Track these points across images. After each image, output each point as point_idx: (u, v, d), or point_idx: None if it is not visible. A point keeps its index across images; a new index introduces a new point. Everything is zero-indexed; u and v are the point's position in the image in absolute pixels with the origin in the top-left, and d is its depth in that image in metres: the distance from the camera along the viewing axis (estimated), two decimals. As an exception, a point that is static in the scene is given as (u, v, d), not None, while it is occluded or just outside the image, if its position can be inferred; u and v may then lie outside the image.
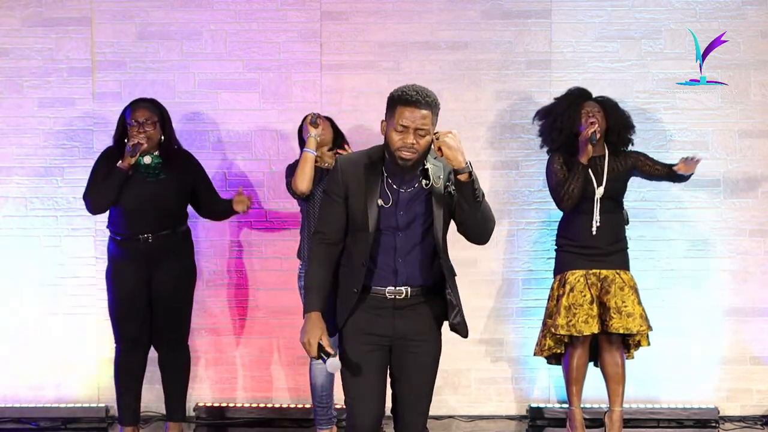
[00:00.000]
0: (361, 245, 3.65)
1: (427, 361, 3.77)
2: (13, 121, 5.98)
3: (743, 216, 5.93)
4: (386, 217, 3.64)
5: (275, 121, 5.97)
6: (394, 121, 3.57)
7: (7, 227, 5.98)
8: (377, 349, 3.70)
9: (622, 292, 5.20)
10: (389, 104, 3.61)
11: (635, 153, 5.40)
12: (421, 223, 3.66)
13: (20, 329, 5.96)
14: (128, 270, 5.19)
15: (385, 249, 3.66)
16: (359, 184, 3.64)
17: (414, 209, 3.65)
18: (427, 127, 3.55)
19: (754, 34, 5.91)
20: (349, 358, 3.70)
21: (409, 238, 3.66)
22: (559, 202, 5.29)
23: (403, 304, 3.70)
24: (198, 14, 5.97)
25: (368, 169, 3.66)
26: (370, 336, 3.69)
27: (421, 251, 3.68)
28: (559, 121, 5.34)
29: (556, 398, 5.95)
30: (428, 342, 3.76)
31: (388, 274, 3.67)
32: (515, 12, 5.94)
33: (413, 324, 3.71)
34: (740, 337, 5.93)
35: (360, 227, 3.65)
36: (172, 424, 5.41)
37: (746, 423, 5.86)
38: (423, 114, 3.54)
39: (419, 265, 3.68)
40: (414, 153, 3.55)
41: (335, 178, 3.69)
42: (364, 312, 3.69)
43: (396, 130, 3.56)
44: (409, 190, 3.65)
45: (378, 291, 3.69)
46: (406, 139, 3.54)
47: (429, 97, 3.57)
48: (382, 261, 3.66)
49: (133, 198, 5.12)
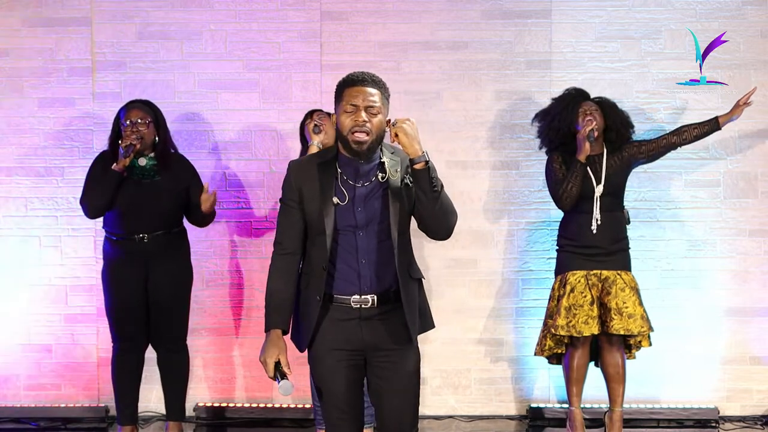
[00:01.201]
0: (321, 249, 3.50)
1: (406, 370, 3.56)
2: (13, 121, 5.98)
3: (743, 216, 5.93)
4: (344, 215, 3.49)
5: (275, 121, 5.97)
6: (343, 103, 3.46)
7: (7, 227, 5.98)
8: (350, 365, 3.52)
9: (623, 293, 5.20)
10: (336, 94, 3.51)
11: (627, 145, 5.39)
12: (381, 221, 3.50)
13: (20, 329, 5.96)
14: (124, 270, 5.19)
15: (346, 250, 3.50)
16: (312, 185, 3.51)
17: (373, 206, 3.50)
18: (377, 104, 3.44)
19: (754, 34, 5.91)
20: (321, 379, 3.55)
21: (370, 237, 3.49)
22: (559, 201, 5.29)
23: (370, 313, 3.51)
24: (198, 14, 5.97)
25: (321, 168, 3.53)
26: (340, 351, 3.51)
27: (384, 252, 3.50)
28: (557, 121, 5.34)
29: (556, 398, 5.95)
30: (404, 350, 3.54)
31: (352, 278, 3.50)
32: (515, 12, 5.94)
33: (384, 333, 3.52)
34: (740, 337, 5.93)
35: (317, 230, 3.50)
36: (171, 423, 5.41)
37: (746, 423, 5.86)
38: (371, 92, 3.44)
39: (384, 267, 3.50)
40: (368, 133, 3.43)
41: (288, 183, 3.57)
42: (330, 325, 3.51)
43: (346, 111, 3.44)
44: (366, 184, 3.51)
45: (342, 300, 3.50)
46: (357, 117, 3.42)
47: (375, 77, 3.49)
48: (344, 264, 3.50)
49: (128, 199, 5.11)
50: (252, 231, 5.99)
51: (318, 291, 3.50)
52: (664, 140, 5.40)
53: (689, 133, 5.39)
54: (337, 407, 3.54)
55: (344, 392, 3.54)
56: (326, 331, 3.53)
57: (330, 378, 3.54)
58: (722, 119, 5.37)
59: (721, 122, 5.37)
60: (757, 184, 5.93)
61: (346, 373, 3.53)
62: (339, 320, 3.52)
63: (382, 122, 3.47)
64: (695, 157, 5.92)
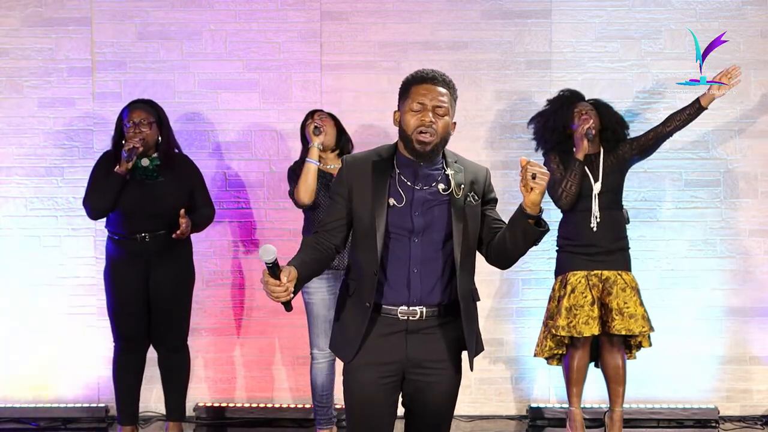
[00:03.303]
0: (371, 252, 3.28)
1: (443, 390, 3.39)
2: (13, 121, 5.98)
3: (743, 216, 5.93)
4: (398, 217, 3.29)
5: (275, 121, 5.97)
6: (409, 101, 3.29)
7: (7, 227, 5.98)
8: (388, 382, 3.34)
9: (624, 293, 5.20)
10: (402, 90, 3.34)
11: (622, 143, 5.38)
12: (440, 230, 3.31)
13: (20, 329, 5.96)
14: (126, 269, 5.19)
15: (397, 257, 3.29)
16: (365, 183, 3.31)
17: (432, 213, 3.31)
18: (445, 105, 3.28)
19: (754, 34, 5.92)
20: (357, 394, 3.36)
21: (425, 245, 3.30)
22: (558, 200, 5.30)
23: (417, 326, 3.32)
24: (198, 14, 5.97)
25: (377, 166, 3.34)
26: (380, 366, 3.32)
27: (439, 264, 3.32)
28: (552, 121, 5.35)
29: (556, 398, 5.95)
30: (445, 369, 3.38)
31: (401, 288, 3.30)
32: (515, 12, 5.94)
33: (428, 348, 3.34)
34: (740, 337, 5.94)
35: (368, 230, 3.29)
36: (171, 423, 5.41)
37: (746, 423, 5.86)
38: (440, 92, 3.29)
39: (436, 280, 3.31)
40: (433, 135, 3.26)
41: (340, 176, 3.39)
42: (374, 338, 3.32)
43: (412, 110, 3.27)
44: (425, 188, 3.32)
45: (389, 311, 3.31)
46: (423, 117, 3.25)
47: (446, 77, 3.33)
48: (394, 271, 3.30)
49: (131, 200, 5.11)
50: (252, 231, 5.99)
51: (368, 298, 3.30)
52: (653, 132, 5.38)
53: (676, 118, 5.35)
54: (364, 423, 3.38)
55: (378, 408, 3.36)
56: (369, 344, 3.34)
57: (365, 393, 3.36)
58: (704, 100, 5.33)
59: (703, 103, 5.32)
60: (757, 184, 5.93)
61: (383, 390, 3.35)
62: (384, 334, 3.33)
63: (448, 124, 3.32)
64: (695, 157, 5.92)
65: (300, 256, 3.30)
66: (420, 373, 3.37)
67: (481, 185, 3.44)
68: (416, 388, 3.39)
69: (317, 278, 4.95)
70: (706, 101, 5.30)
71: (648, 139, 5.37)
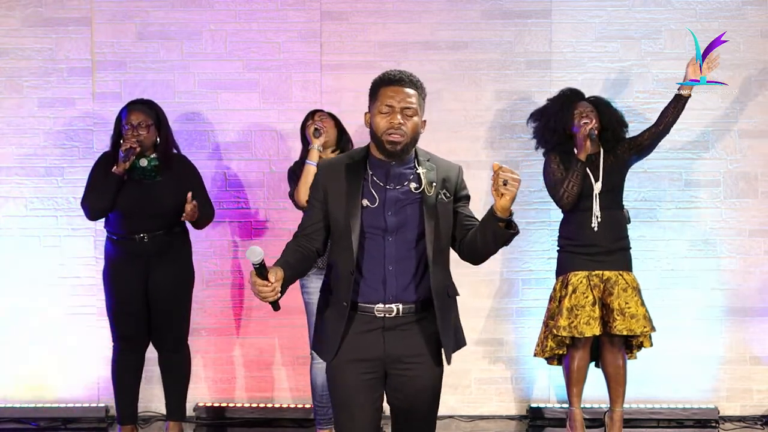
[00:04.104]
0: (347, 252, 3.37)
1: (425, 384, 3.45)
2: (13, 121, 5.98)
3: (743, 216, 5.93)
4: (372, 217, 3.38)
5: (275, 121, 5.97)
6: (378, 103, 3.37)
7: (7, 227, 5.98)
8: (370, 378, 3.41)
9: (626, 294, 5.20)
10: (372, 91, 3.43)
11: (621, 143, 5.38)
12: (413, 229, 3.39)
13: (20, 329, 5.96)
14: (125, 269, 5.19)
15: (372, 255, 3.38)
16: (339, 185, 3.40)
17: (405, 212, 3.40)
18: (414, 106, 3.36)
19: (754, 34, 5.92)
20: (338, 392, 3.44)
21: (399, 244, 3.38)
22: (559, 201, 5.29)
23: (394, 323, 3.40)
24: (198, 14, 5.97)
25: (350, 169, 3.43)
26: (360, 363, 3.40)
27: (413, 262, 3.40)
28: (552, 122, 5.34)
29: (556, 398, 5.95)
30: (425, 364, 3.44)
31: (377, 286, 3.38)
32: (515, 12, 5.94)
33: (406, 344, 3.41)
34: (740, 337, 5.94)
35: (343, 232, 3.38)
36: (172, 423, 5.41)
37: (746, 423, 5.86)
38: (408, 93, 3.36)
39: (411, 278, 3.40)
40: (403, 135, 3.35)
41: (315, 181, 3.49)
42: (352, 336, 3.40)
43: (381, 113, 3.36)
44: (397, 187, 3.41)
45: (366, 308, 3.39)
46: (392, 119, 3.34)
47: (413, 77, 3.40)
48: (370, 269, 3.38)
49: (129, 200, 5.11)
50: (252, 231, 5.99)
51: (345, 297, 3.38)
52: (648, 132, 5.37)
53: (664, 116, 5.34)
54: (352, 420, 3.43)
55: (361, 406, 3.42)
56: (349, 343, 3.41)
57: (348, 391, 3.42)
58: (683, 90, 5.32)
59: (683, 93, 5.32)
60: (757, 184, 5.93)
61: (365, 387, 3.42)
62: (362, 331, 3.40)
63: (417, 124, 3.40)
64: (695, 157, 5.92)
65: (284, 258, 3.38)
66: (400, 369, 3.43)
67: (453, 183, 3.53)
68: (398, 382, 3.45)
69: (316, 278, 4.96)
70: (683, 91, 5.31)
71: (644, 138, 5.37)
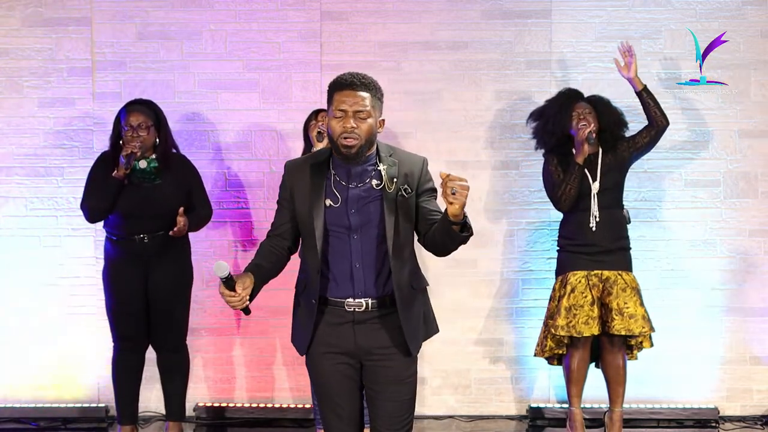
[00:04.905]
0: (313, 251, 3.46)
1: (397, 373, 3.51)
2: (13, 121, 5.98)
3: (743, 216, 5.93)
4: (336, 217, 3.45)
5: (275, 121, 5.97)
6: (332, 108, 3.42)
7: (7, 227, 5.98)
8: (347, 368, 3.51)
9: (624, 294, 5.20)
10: (327, 95, 3.47)
11: (620, 143, 5.38)
12: (376, 225, 3.45)
13: (20, 329, 5.96)
14: (125, 270, 5.19)
15: (339, 253, 3.46)
16: (304, 185, 3.48)
17: (368, 209, 3.46)
18: (366, 108, 3.40)
19: (754, 34, 5.91)
20: (317, 383, 3.55)
21: (365, 241, 3.45)
22: (557, 203, 5.30)
23: (363, 317, 3.48)
24: (198, 14, 5.97)
25: (314, 169, 3.50)
26: (334, 355, 3.50)
27: (379, 258, 3.46)
28: (551, 124, 5.35)
29: (556, 398, 5.95)
30: (397, 354, 3.50)
31: (345, 282, 3.46)
32: (515, 12, 5.94)
33: (376, 338, 3.48)
34: (740, 337, 5.93)
35: (308, 231, 3.47)
36: (171, 423, 5.41)
37: (746, 423, 5.86)
38: (361, 96, 3.40)
39: (377, 273, 3.47)
40: (356, 138, 3.39)
41: (282, 182, 3.56)
42: (325, 328, 3.50)
43: (335, 117, 3.40)
44: (359, 185, 3.47)
45: (336, 302, 3.48)
46: (345, 123, 3.38)
47: (366, 79, 3.44)
48: (337, 266, 3.47)
49: (129, 203, 5.10)
50: (252, 231, 5.99)
51: (314, 295, 3.49)
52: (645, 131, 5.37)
53: (649, 114, 5.35)
54: (333, 411, 3.54)
55: (340, 395, 3.53)
56: (321, 335, 3.52)
57: (325, 381, 3.53)
58: (635, 84, 5.36)
59: (637, 89, 5.35)
60: (757, 184, 5.93)
61: (341, 377, 3.52)
62: (333, 324, 3.50)
63: (372, 126, 3.44)
64: (695, 157, 5.92)
65: (256, 261, 3.55)
66: (373, 360, 3.51)
67: (416, 177, 3.53)
68: (372, 373, 3.53)
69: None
70: (636, 84, 5.35)
71: (642, 138, 5.38)
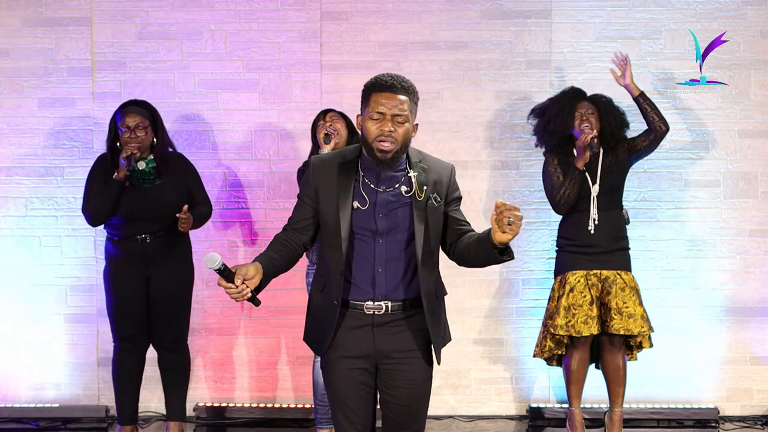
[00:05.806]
0: (337, 253, 3.38)
1: (415, 378, 3.48)
2: (13, 121, 5.98)
3: (743, 216, 5.93)
4: (362, 219, 3.38)
5: (275, 121, 5.97)
6: (369, 109, 3.34)
7: (7, 227, 5.98)
8: (362, 373, 3.46)
9: (623, 293, 5.20)
10: (363, 95, 3.40)
11: (621, 144, 5.38)
12: (403, 231, 3.40)
13: (20, 329, 5.96)
14: (126, 270, 5.19)
15: (362, 256, 3.40)
16: (330, 185, 3.40)
17: (396, 215, 3.40)
18: (405, 113, 3.34)
19: (754, 34, 5.92)
20: (332, 386, 3.50)
21: (390, 246, 3.39)
22: (556, 205, 5.30)
23: (383, 320, 3.43)
24: (198, 14, 5.97)
25: (342, 168, 3.41)
26: (351, 359, 3.45)
27: (403, 263, 3.41)
28: (552, 124, 5.34)
29: (556, 398, 5.95)
30: (415, 359, 3.47)
31: (366, 286, 3.41)
32: (515, 12, 5.94)
33: (395, 341, 3.44)
34: (740, 337, 5.94)
35: (333, 232, 3.39)
36: (172, 423, 5.41)
37: (746, 423, 5.86)
38: (400, 99, 3.34)
39: (400, 278, 3.42)
40: (393, 143, 3.33)
41: (307, 178, 3.48)
42: (344, 332, 3.45)
43: (372, 119, 3.33)
44: (389, 190, 3.41)
45: (356, 305, 3.43)
46: (383, 126, 3.32)
47: (405, 82, 3.38)
48: (360, 271, 3.41)
49: (130, 203, 5.10)
50: (252, 231, 5.99)
51: (336, 297, 3.42)
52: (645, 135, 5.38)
53: (647, 119, 5.35)
54: (345, 415, 3.49)
55: (354, 401, 3.48)
56: (340, 338, 3.46)
57: (340, 387, 3.48)
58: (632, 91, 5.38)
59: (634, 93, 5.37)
60: (757, 184, 5.93)
61: (356, 384, 3.47)
62: (352, 327, 3.44)
63: (408, 130, 3.37)
64: (695, 157, 5.92)
65: (268, 252, 3.46)
66: (390, 363, 3.46)
67: (445, 185, 3.49)
68: (388, 376, 3.48)
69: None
70: (632, 90, 5.36)
71: (642, 141, 5.38)
